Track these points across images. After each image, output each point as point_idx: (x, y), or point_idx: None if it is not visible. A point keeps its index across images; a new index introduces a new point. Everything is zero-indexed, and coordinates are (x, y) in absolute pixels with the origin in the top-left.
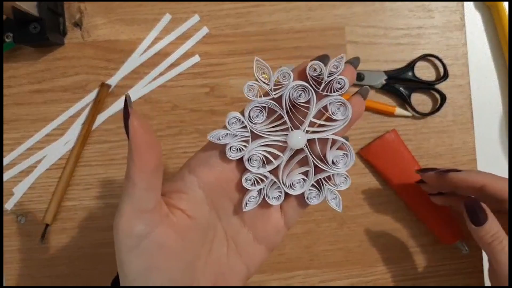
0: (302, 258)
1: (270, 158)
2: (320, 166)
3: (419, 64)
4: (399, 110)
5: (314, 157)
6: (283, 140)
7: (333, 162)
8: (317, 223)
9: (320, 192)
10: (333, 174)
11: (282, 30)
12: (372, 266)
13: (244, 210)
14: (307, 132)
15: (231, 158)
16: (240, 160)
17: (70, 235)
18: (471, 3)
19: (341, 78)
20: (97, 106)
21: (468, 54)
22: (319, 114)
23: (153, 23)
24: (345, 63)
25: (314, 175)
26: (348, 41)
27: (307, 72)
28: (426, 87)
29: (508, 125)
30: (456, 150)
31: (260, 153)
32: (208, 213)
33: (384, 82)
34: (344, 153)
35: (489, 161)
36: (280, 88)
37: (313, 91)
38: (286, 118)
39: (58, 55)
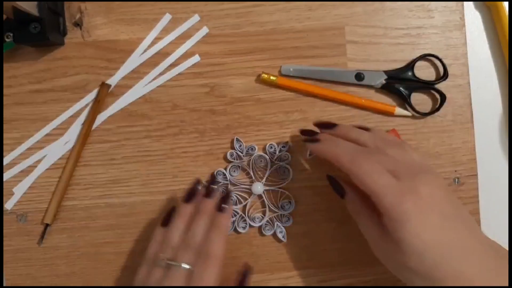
0: (302, 257)
1: (240, 199)
2: (273, 209)
3: (419, 64)
4: (399, 110)
5: (269, 202)
6: (248, 187)
7: (281, 206)
8: (317, 223)
9: (271, 226)
10: (281, 214)
11: (282, 30)
12: (372, 266)
13: None
14: (266, 185)
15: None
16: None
17: (70, 235)
18: (471, 3)
19: (287, 153)
20: (97, 106)
21: (468, 54)
22: (276, 174)
23: (153, 23)
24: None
25: (269, 215)
26: (348, 41)
27: (266, 149)
28: (426, 86)
29: (508, 125)
30: (456, 150)
31: (235, 195)
32: None
33: (384, 82)
34: (288, 201)
35: (489, 161)
36: (250, 155)
37: (268, 159)
38: (251, 173)
39: (58, 55)
